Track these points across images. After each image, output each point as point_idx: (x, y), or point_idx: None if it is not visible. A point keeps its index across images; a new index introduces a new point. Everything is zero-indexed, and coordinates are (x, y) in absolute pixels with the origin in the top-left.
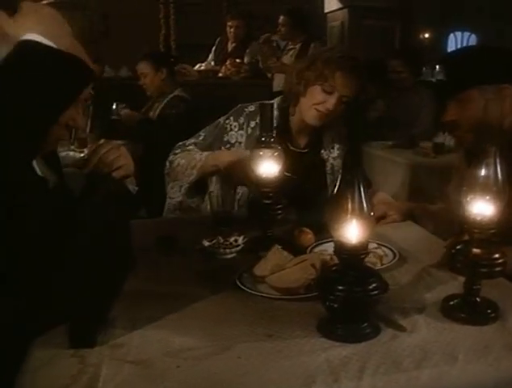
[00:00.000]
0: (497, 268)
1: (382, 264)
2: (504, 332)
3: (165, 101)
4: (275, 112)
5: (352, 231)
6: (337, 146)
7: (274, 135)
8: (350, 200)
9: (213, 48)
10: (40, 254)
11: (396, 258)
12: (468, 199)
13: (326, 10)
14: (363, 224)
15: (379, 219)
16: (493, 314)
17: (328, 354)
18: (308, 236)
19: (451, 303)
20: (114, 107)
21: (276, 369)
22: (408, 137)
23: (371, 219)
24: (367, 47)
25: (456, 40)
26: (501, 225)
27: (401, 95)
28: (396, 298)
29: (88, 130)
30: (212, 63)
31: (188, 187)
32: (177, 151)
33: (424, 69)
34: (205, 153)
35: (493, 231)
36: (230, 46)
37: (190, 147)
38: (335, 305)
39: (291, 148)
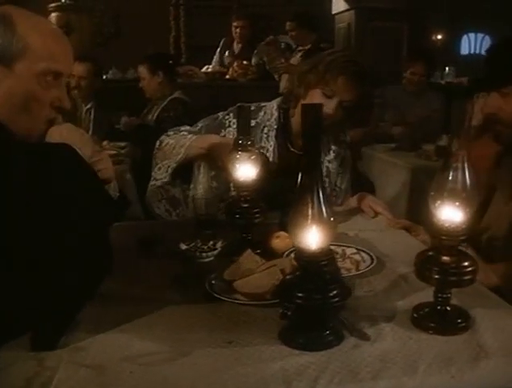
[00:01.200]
0: (467, 277)
1: (358, 270)
2: (472, 343)
3: (164, 104)
4: (275, 113)
5: (311, 237)
6: (333, 148)
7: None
8: (309, 206)
9: (218, 50)
10: (15, 254)
11: (373, 264)
12: (436, 204)
13: (334, 12)
14: (322, 230)
15: None
16: (463, 324)
17: (285, 362)
18: (286, 240)
19: (421, 312)
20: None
21: (230, 376)
22: (410, 140)
23: (331, 224)
24: (374, 48)
25: (470, 42)
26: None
27: (410, 98)
28: (367, 305)
29: (90, 132)
30: (213, 64)
31: (175, 167)
32: (169, 133)
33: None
34: (196, 136)
35: (462, 238)
36: (236, 47)
37: (184, 133)
38: (289, 313)
39: (292, 149)
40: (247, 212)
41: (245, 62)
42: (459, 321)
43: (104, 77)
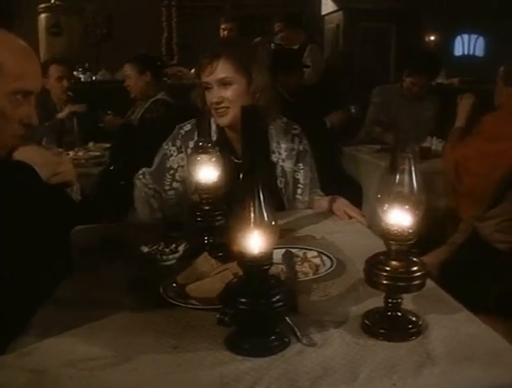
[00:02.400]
0: (416, 282)
1: (317, 274)
2: (420, 349)
3: (147, 105)
4: (213, 126)
5: (253, 241)
6: (284, 147)
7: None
8: (250, 210)
9: None
10: None
11: (332, 268)
12: (384, 208)
13: (323, 13)
14: (264, 234)
15: None
16: (413, 330)
17: (225, 368)
18: None
19: (371, 318)
20: (100, 113)
21: (168, 383)
22: (398, 142)
23: (273, 229)
24: (363, 48)
25: (463, 43)
26: None
27: (406, 100)
28: (320, 310)
29: (76, 133)
30: None
31: None
32: (137, 184)
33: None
34: None
35: (411, 242)
36: None
37: (140, 177)
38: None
39: (236, 161)
40: (208, 214)
41: None
42: (410, 327)
43: (93, 78)
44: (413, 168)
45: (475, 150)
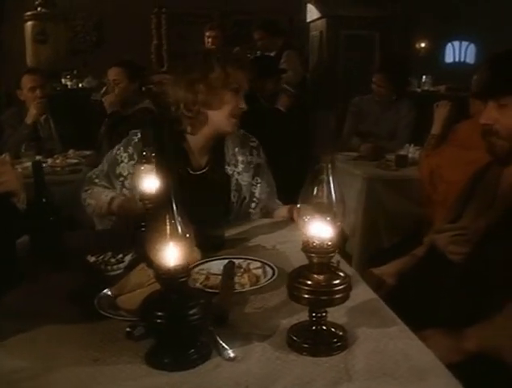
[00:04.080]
0: (338, 295)
1: (256, 285)
2: (341, 365)
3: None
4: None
5: (168, 254)
6: (240, 159)
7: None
8: (165, 222)
9: None
10: None
11: (271, 280)
12: (305, 219)
13: (308, 20)
14: (179, 246)
15: None
16: (338, 344)
17: (139, 383)
18: (193, 254)
19: (296, 332)
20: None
21: None
22: (374, 150)
23: (187, 241)
24: (346, 56)
25: (454, 50)
26: None
27: (380, 108)
28: (251, 323)
29: (56, 140)
30: None
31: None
32: (86, 188)
33: (409, 78)
34: (110, 195)
35: (332, 255)
36: None
37: (96, 180)
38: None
39: (192, 172)
40: None
41: None
42: (335, 341)
43: (80, 85)
44: (331, 178)
45: (448, 158)
